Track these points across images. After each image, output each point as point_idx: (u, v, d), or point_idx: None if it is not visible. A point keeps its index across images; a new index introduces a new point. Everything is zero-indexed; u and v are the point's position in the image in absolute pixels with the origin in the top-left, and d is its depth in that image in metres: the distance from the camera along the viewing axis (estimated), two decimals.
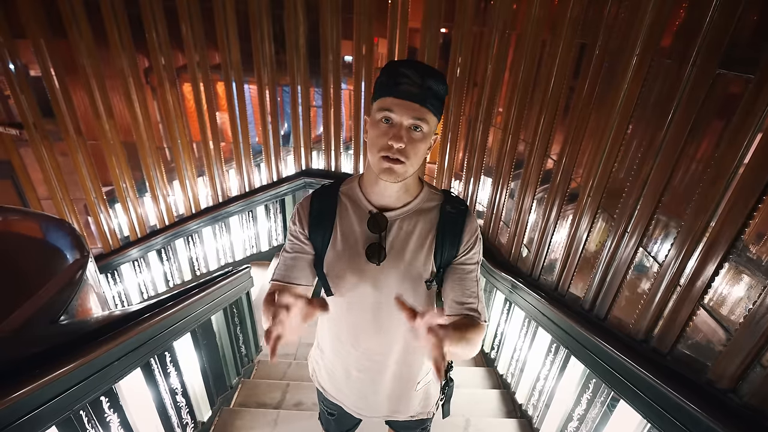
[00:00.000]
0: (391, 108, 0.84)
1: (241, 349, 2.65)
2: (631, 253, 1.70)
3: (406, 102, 0.83)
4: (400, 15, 3.84)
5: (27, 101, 4.40)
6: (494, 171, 3.19)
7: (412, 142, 0.85)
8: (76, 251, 1.97)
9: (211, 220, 5.09)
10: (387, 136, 0.85)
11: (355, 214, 0.99)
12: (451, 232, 0.99)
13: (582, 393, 1.90)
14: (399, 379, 1.15)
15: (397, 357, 1.10)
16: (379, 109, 0.86)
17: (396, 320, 1.03)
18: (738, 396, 1.20)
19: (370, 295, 1.00)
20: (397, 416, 1.24)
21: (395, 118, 0.84)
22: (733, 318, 1.23)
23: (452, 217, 1.00)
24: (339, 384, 1.20)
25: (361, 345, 1.08)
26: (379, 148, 0.86)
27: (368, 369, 1.12)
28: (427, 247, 0.99)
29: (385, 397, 1.18)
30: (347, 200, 1.01)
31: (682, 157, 1.46)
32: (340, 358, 1.14)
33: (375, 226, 0.97)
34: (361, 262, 0.97)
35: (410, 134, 0.85)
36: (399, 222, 0.98)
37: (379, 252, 0.96)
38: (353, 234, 0.98)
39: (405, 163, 0.86)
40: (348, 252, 0.98)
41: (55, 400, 1.18)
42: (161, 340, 1.72)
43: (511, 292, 2.69)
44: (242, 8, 4.07)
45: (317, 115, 4.73)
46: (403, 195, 0.98)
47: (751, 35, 1.26)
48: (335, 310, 1.05)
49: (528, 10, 2.62)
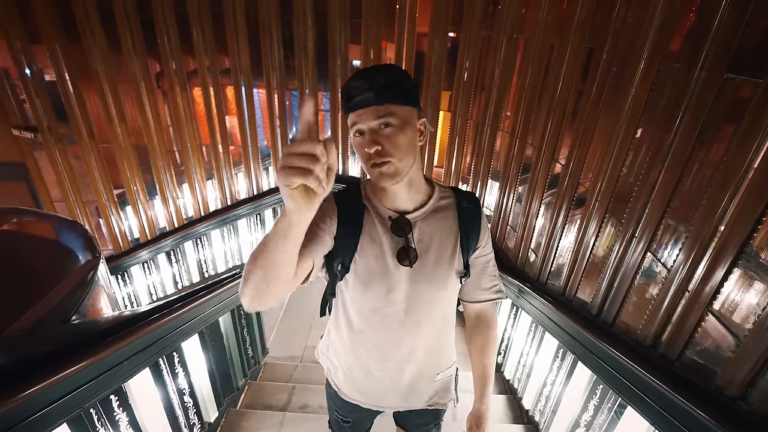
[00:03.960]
0: (356, 121, 0.87)
1: (248, 351, 2.67)
2: (639, 258, 1.68)
3: (363, 110, 0.85)
4: (408, 19, 3.87)
5: (42, 105, 4.50)
6: (501, 175, 3.18)
7: (386, 138, 0.86)
8: (87, 252, 2.01)
9: (220, 223, 5.14)
10: (363, 146, 0.87)
11: (378, 220, 0.99)
12: (471, 227, 1.02)
13: (589, 399, 1.88)
14: (419, 375, 1.15)
15: (419, 356, 1.10)
16: (350, 127, 0.89)
17: (422, 322, 1.04)
18: (747, 403, 1.18)
19: (399, 301, 1.00)
20: (413, 406, 1.24)
21: (362, 127, 0.87)
22: (743, 324, 1.21)
23: (470, 211, 1.03)
24: (357, 383, 1.19)
25: (385, 348, 1.08)
26: (365, 159, 0.89)
27: (390, 369, 1.12)
28: (452, 243, 1.01)
29: (404, 391, 1.18)
30: (369, 206, 1.00)
31: (690, 161, 1.45)
32: (361, 359, 1.13)
33: (399, 230, 0.97)
34: (391, 267, 0.97)
35: (382, 132, 0.86)
36: (420, 223, 0.99)
37: (409, 254, 0.97)
38: (378, 240, 0.98)
39: (391, 161, 0.87)
40: (376, 258, 0.97)
41: (66, 398, 1.20)
42: (170, 340, 1.74)
43: (518, 296, 2.68)
44: (252, 14, 4.13)
45: (325, 118, 4.77)
46: (414, 195, 0.99)
47: (759, 39, 1.25)
48: (360, 315, 1.05)
49: (536, 14, 2.62)
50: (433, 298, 1.02)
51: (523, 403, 2.59)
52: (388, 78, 0.85)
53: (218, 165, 4.92)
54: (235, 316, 2.42)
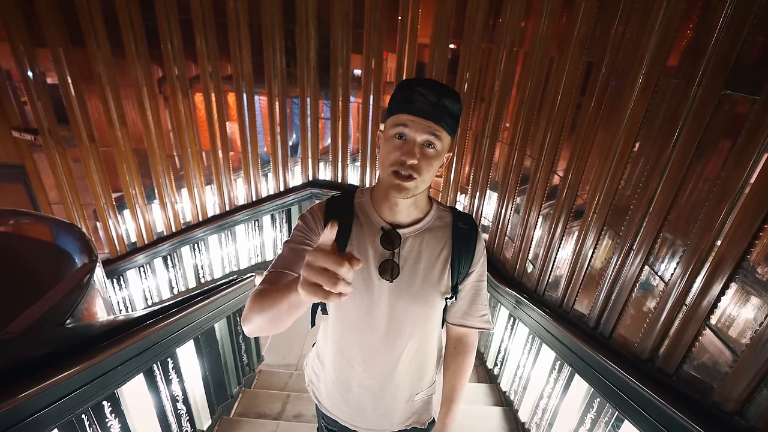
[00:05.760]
0: (406, 123, 0.84)
1: (243, 358, 2.65)
2: (637, 271, 1.69)
3: (420, 119, 0.83)
4: (410, 31, 3.91)
5: (43, 108, 4.51)
6: (500, 186, 3.20)
7: (425, 158, 0.85)
8: (84, 255, 2.00)
9: (218, 228, 5.13)
10: (400, 151, 0.85)
11: (368, 230, 0.97)
12: (466, 249, 1.00)
13: (586, 412, 1.87)
14: (398, 395, 1.14)
15: (399, 374, 1.09)
16: (393, 125, 0.86)
17: (404, 339, 1.02)
18: (745, 419, 1.18)
19: (381, 315, 0.99)
20: (391, 427, 1.23)
21: (409, 134, 0.84)
22: (740, 339, 1.21)
23: (466, 233, 1.01)
24: (337, 398, 1.18)
25: (366, 363, 1.07)
26: (391, 163, 0.86)
27: (370, 386, 1.10)
28: (442, 263, 0.99)
29: (383, 411, 1.16)
30: (361, 214, 0.99)
31: (688, 175, 1.46)
32: (342, 374, 1.12)
33: (388, 243, 0.96)
34: (374, 278, 0.96)
35: (423, 151, 0.85)
36: (411, 239, 0.98)
37: (392, 269, 0.95)
38: (366, 250, 0.96)
39: (416, 179, 0.86)
40: (362, 271, 0.96)
41: (58, 403, 1.19)
42: (164, 346, 1.73)
43: (515, 307, 2.67)
44: (255, 22, 4.17)
45: (325, 126, 4.79)
46: (413, 211, 0.98)
47: (756, 57, 1.27)
48: (342, 327, 1.04)
49: (536, 28, 2.66)
50: (416, 316, 1.00)
51: (519, 415, 2.57)
52: (452, 103, 0.85)
53: (217, 170, 4.93)
54: (231, 322, 2.41)
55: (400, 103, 0.85)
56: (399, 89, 0.86)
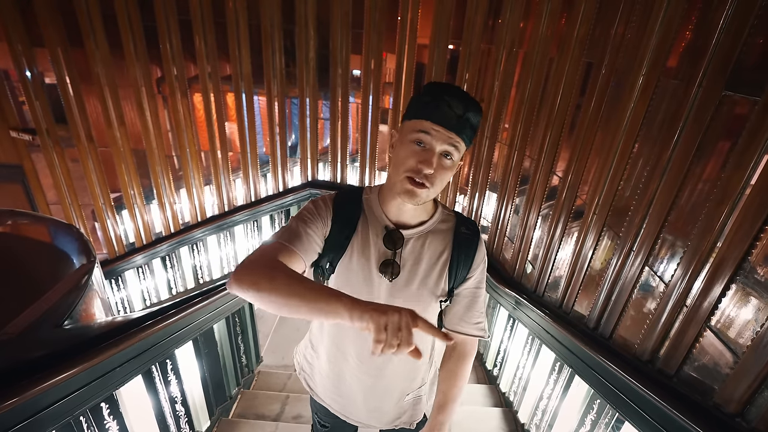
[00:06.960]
0: (428, 132, 0.83)
1: (241, 359, 2.64)
2: (637, 272, 1.68)
3: (443, 129, 0.82)
4: (409, 31, 3.91)
5: (41, 108, 4.49)
6: (499, 186, 3.19)
7: (441, 168, 0.85)
8: (83, 256, 1.99)
9: (216, 229, 5.11)
10: (417, 158, 0.84)
11: (373, 227, 0.98)
12: (466, 253, 1.01)
13: (586, 413, 1.87)
14: (389, 393, 1.15)
15: (392, 370, 1.10)
16: (415, 130, 0.85)
17: None
18: (746, 421, 1.18)
19: None
20: (379, 425, 1.24)
21: (430, 142, 0.84)
22: (741, 341, 1.21)
23: (467, 238, 1.01)
24: (330, 388, 1.20)
25: (360, 358, 1.08)
26: (406, 168, 0.86)
27: (362, 381, 1.12)
28: (441, 266, 0.99)
29: (373, 407, 1.18)
30: (368, 211, 1.00)
31: (688, 176, 1.46)
32: (336, 366, 1.13)
33: (391, 243, 0.96)
34: (374, 277, 0.97)
35: (441, 161, 0.85)
36: (414, 240, 0.98)
37: (392, 268, 0.96)
38: (368, 247, 0.97)
39: (429, 188, 0.86)
40: (362, 264, 0.97)
41: (56, 405, 1.18)
42: (163, 347, 1.72)
43: (515, 308, 2.67)
44: (255, 22, 4.16)
45: (324, 127, 4.79)
46: (419, 213, 0.99)
47: (757, 58, 1.27)
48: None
49: (535, 29, 2.66)
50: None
51: (519, 416, 2.56)
52: (475, 116, 0.85)
53: (216, 171, 4.92)
54: (230, 323, 2.40)
55: (425, 108, 0.84)
56: (426, 93, 0.85)
